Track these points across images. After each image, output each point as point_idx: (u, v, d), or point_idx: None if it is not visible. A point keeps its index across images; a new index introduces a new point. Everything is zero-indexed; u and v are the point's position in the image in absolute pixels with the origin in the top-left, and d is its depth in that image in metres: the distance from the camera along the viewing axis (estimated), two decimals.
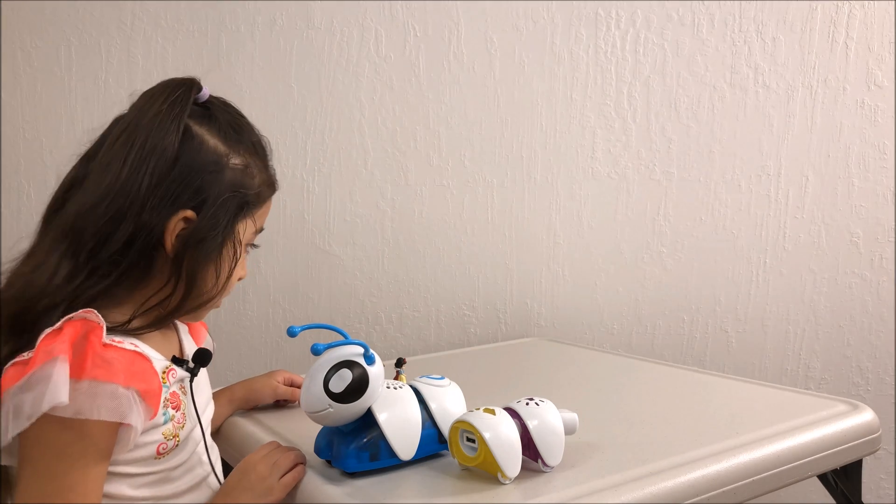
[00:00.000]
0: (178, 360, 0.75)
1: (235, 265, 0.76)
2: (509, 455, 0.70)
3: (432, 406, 0.76)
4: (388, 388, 0.75)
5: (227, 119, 0.76)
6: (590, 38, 1.42)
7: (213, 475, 0.78)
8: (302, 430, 0.83)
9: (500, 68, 1.42)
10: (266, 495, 0.73)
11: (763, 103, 1.43)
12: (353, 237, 1.43)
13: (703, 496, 0.72)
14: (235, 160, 0.75)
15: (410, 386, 0.78)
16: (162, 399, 0.70)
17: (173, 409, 0.72)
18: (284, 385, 0.97)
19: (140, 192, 0.69)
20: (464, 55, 1.41)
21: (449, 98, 1.42)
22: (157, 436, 0.70)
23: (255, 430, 0.89)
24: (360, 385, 0.70)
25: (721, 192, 1.46)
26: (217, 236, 0.73)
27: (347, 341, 0.73)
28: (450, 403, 0.77)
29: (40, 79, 1.33)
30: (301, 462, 0.75)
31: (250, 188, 0.75)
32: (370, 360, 0.72)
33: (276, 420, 0.91)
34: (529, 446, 0.71)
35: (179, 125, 0.72)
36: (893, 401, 1.46)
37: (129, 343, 0.68)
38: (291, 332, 0.75)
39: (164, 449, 0.71)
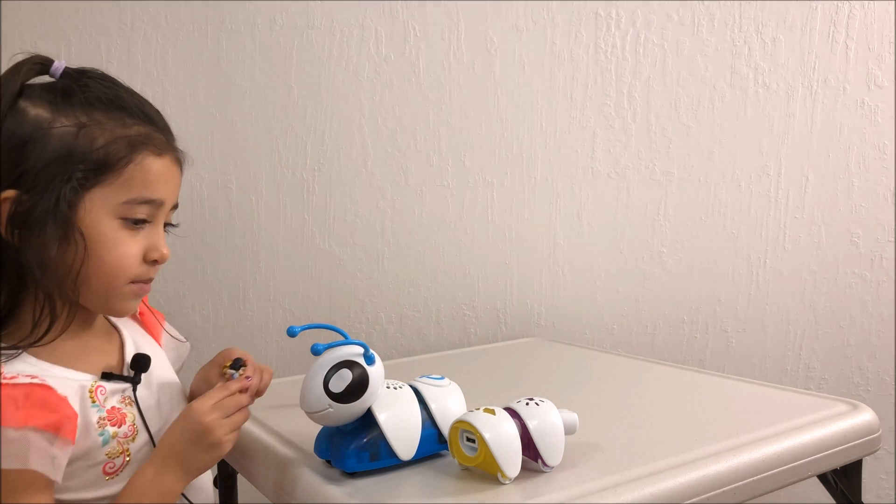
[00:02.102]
0: (108, 375, 0.70)
1: (103, 243, 0.66)
2: (509, 455, 0.70)
3: (432, 406, 0.76)
4: (388, 388, 0.75)
5: (64, 86, 0.67)
6: (590, 38, 1.42)
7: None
8: (302, 430, 0.83)
9: (500, 68, 1.42)
10: (212, 448, 0.69)
11: (763, 103, 1.43)
12: (353, 237, 1.43)
13: (703, 496, 0.72)
14: (62, 123, 0.65)
15: (410, 386, 0.78)
16: (94, 420, 0.66)
17: (113, 425, 0.67)
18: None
19: None
20: (464, 55, 1.41)
21: (449, 98, 1.42)
22: (99, 457, 0.66)
23: (255, 429, 0.89)
24: (360, 385, 0.70)
25: (721, 192, 1.46)
26: (50, 211, 0.63)
27: (347, 341, 0.73)
28: (450, 403, 0.77)
29: (40, 79, 1.33)
30: (246, 405, 0.71)
31: (88, 149, 0.65)
32: (370, 360, 0.72)
33: (277, 420, 0.91)
34: (529, 446, 0.71)
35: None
36: (893, 401, 1.46)
37: (24, 376, 0.61)
38: (291, 333, 0.75)
39: (111, 468, 0.67)
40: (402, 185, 1.43)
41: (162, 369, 0.77)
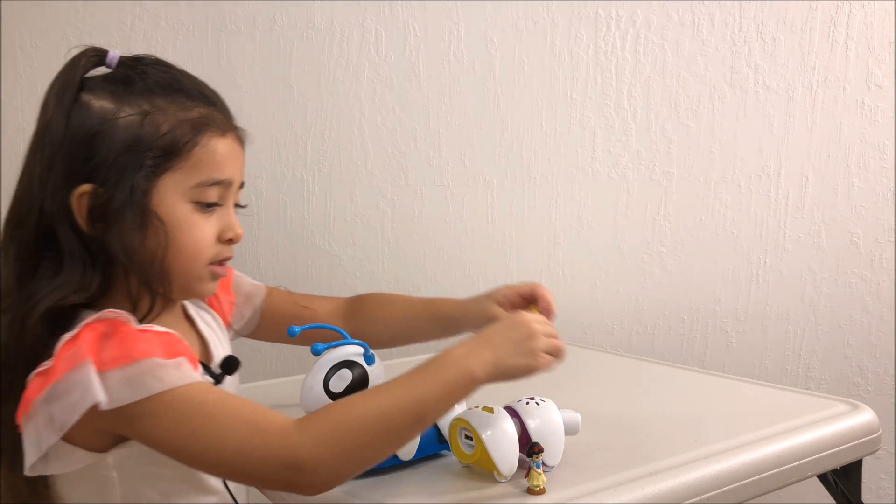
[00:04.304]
0: (205, 366, 0.71)
1: (179, 228, 0.67)
2: (505, 453, 0.70)
3: None
4: None
5: (123, 75, 0.68)
6: (590, 38, 1.42)
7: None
8: None
9: (500, 68, 1.42)
10: (529, 356, 0.66)
11: (763, 103, 1.43)
12: (353, 237, 1.43)
13: (703, 496, 0.72)
14: (127, 112, 0.65)
15: None
16: None
17: None
18: (506, 308, 0.85)
19: (35, 182, 0.65)
20: (464, 55, 1.41)
21: (449, 98, 1.42)
22: None
23: None
24: (360, 385, 0.71)
25: (721, 192, 1.45)
26: (126, 201, 0.64)
27: (347, 341, 0.73)
28: None
29: (40, 79, 1.32)
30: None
31: (155, 136, 0.65)
32: (370, 360, 0.72)
33: None
34: (528, 445, 0.71)
35: (62, 101, 0.66)
36: (893, 401, 1.46)
37: (158, 328, 0.64)
38: (291, 333, 0.76)
39: None
40: (402, 185, 1.43)
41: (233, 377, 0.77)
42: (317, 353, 0.71)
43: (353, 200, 1.42)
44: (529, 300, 0.87)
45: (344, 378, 0.70)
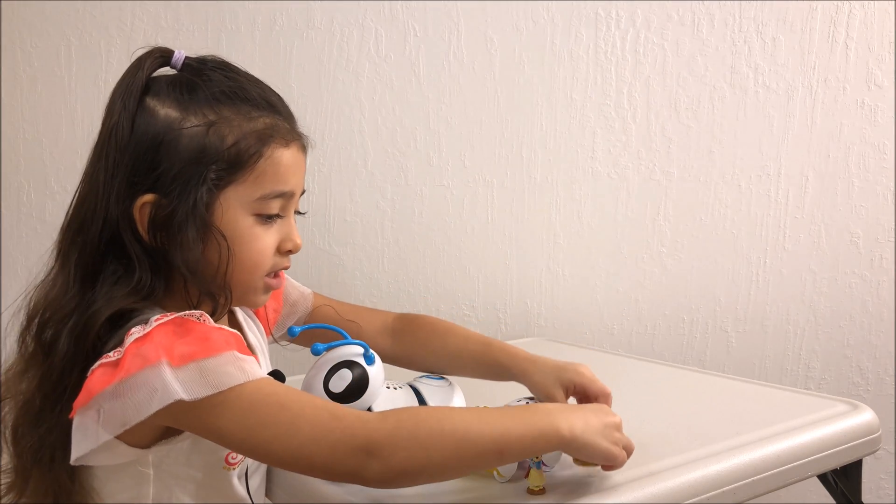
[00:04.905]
0: None
1: (240, 240, 0.66)
2: None
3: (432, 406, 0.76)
4: (389, 388, 0.75)
5: (188, 80, 0.67)
6: (590, 38, 1.42)
7: None
8: None
9: (500, 68, 1.42)
10: (611, 443, 0.65)
11: (763, 103, 1.43)
12: (353, 237, 1.43)
13: (703, 496, 0.72)
14: (192, 122, 0.65)
15: (410, 386, 0.78)
16: None
17: None
18: (571, 393, 0.79)
19: (100, 188, 0.64)
20: (464, 55, 1.41)
21: (449, 98, 1.42)
22: None
23: None
24: (360, 385, 0.70)
25: (721, 192, 1.45)
26: (189, 214, 0.63)
27: (347, 341, 0.73)
28: (449, 403, 0.77)
29: (40, 79, 1.33)
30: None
31: (220, 148, 0.65)
32: (370, 360, 0.72)
33: None
34: None
35: (127, 105, 0.65)
36: (893, 401, 1.46)
37: (227, 328, 0.64)
38: (291, 333, 0.76)
39: (233, 459, 0.67)
40: (402, 185, 1.43)
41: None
42: (317, 353, 0.71)
43: (353, 200, 1.42)
44: (590, 400, 0.80)
45: (344, 378, 0.70)
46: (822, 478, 0.91)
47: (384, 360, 0.74)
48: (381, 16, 1.39)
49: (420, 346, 0.88)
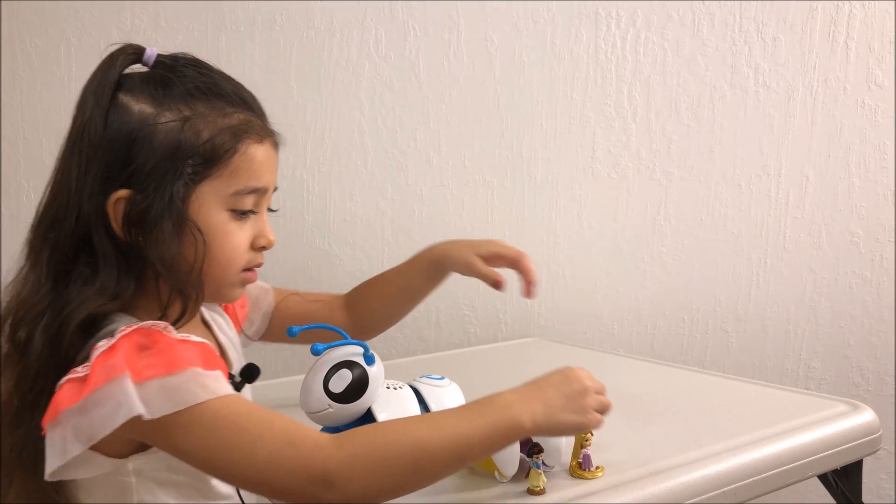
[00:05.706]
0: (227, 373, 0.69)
1: (215, 236, 0.66)
2: (506, 454, 0.70)
3: (432, 406, 0.75)
4: (388, 388, 0.75)
5: (161, 76, 0.66)
6: (590, 38, 1.42)
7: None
8: None
9: (500, 68, 1.42)
10: (580, 412, 0.65)
11: (763, 103, 1.43)
12: (353, 237, 1.43)
13: (703, 496, 0.72)
14: (167, 117, 0.64)
15: (410, 386, 0.78)
16: None
17: None
18: (487, 263, 0.88)
19: (72, 184, 0.64)
20: (464, 55, 1.41)
21: (449, 98, 1.42)
22: None
23: None
24: (360, 385, 0.70)
25: (721, 192, 1.45)
26: (165, 209, 0.63)
27: (347, 341, 0.73)
28: (450, 403, 0.77)
29: (40, 79, 1.33)
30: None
31: (195, 143, 0.64)
32: (370, 360, 0.72)
33: None
34: (529, 446, 0.71)
35: (100, 101, 0.65)
36: (893, 401, 1.46)
37: (195, 338, 0.63)
38: (291, 333, 0.75)
39: None
40: (402, 185, 1.43)
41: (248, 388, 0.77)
42: (317, 353, 0.71)
43: (352, 200, 1.42)
44: (512, 266, 0.91)
45: (344, 378, 0.70)
46: (823, 478, 0.91)
47: (348, 331, 0.75)
48: (381, 16, 1.39)
49: (368, 300, 0.95)
